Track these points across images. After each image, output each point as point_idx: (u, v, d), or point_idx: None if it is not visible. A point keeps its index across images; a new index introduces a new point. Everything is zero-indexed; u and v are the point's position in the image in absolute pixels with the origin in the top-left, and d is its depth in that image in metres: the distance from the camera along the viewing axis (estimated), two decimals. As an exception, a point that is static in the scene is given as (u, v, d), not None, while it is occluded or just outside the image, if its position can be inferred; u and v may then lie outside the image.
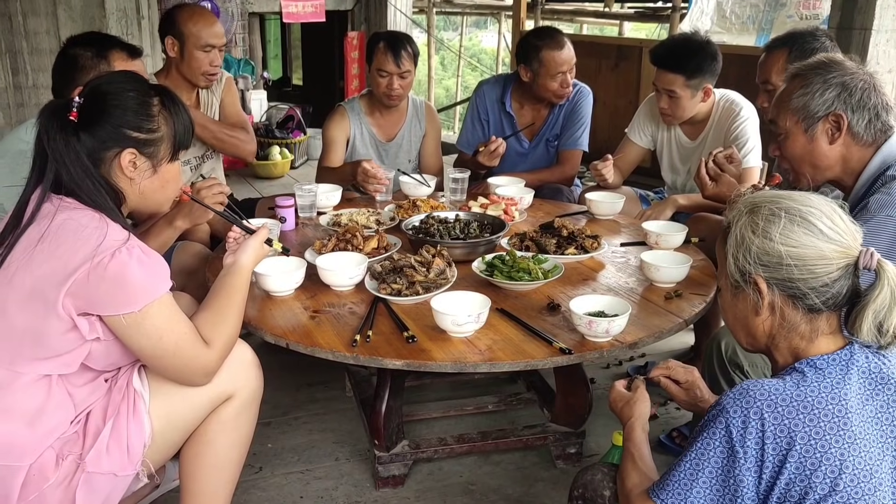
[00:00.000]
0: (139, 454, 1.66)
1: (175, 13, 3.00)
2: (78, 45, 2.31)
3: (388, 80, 3.25)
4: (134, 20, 5.88)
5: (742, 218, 1.36)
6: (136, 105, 1.66)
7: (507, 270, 2.27)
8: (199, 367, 1.68)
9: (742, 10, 7.02)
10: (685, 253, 2.44)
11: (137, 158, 1.67)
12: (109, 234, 1.55)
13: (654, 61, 3.02)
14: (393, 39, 3.28)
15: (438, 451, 2.42)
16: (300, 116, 7.00)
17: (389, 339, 1.95)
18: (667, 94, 2.99)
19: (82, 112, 1.62)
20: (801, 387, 1.25)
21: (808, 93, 1.92)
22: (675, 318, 2.09)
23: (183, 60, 2.98)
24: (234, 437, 1.84)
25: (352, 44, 7.31)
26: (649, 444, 1.58)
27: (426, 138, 3.54)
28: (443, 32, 16.44)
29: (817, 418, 1.22)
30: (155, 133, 1.69)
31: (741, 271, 1.36)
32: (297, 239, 2.70)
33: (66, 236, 1.54)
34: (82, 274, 1.50)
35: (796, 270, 1.30)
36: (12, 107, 5.67)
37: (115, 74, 1.77)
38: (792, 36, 2.67)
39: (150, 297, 1.57)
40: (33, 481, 1.56)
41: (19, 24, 5.54)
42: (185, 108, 1.78)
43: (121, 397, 1.67)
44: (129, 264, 1.53)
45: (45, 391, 1.59)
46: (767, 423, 1.22)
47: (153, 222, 2.25)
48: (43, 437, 1.58)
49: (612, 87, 5.97)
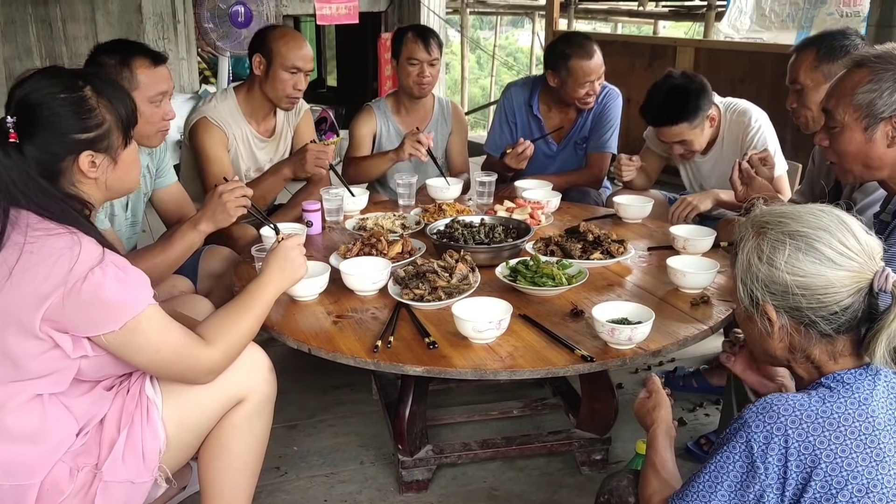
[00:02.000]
0: (155, 460, 1.66)
1: (267, 32, 3.03)
2: (104, 53, 2.35)
3: (419, 69, 3.33)
4: (170, 24, 5.98)
5: (749, 242, 1.33)
6: (71, 106, 1.58)
7: (530, 276, 2.26)
8: (201, 366, 1.67)
9: (781, 8, 6.89)
10: (713, 258, 2.41)
11: (95, 157, 1.62)
12: (82, 255, 1.49)
13: (652, 123, 3.03)
14: (421, 29, 3.42)
15: (462, 455, 2.42)
16: (333, 118, 7.04)
17: (410, 345, 1.95)
18: (678, 143, 2.99)
19: (20, 130, 1.53)
20: (828, 402, 1.22)
21: (876, 90, 1.78)
22: (701, 326, 2.06)
23: (267, 79, 2.98)
24: (248, 439, 1.84)
25: (385, 45, 7.32)
26: (674, 451, 1.57)
27: (452, 136, 3.59)
28: (479, 32, 16.42)
29: (843, 435, 1.18)
30: (102, 126, 1.62)
31: (750, 297, 1.33)
32: (324, 243, 2.71)
33: (37, 261, 1.49)
34: (56, 299, 1.47)
35: (804, 300, 1.27)
36: (53, 111, 5.80)
37: (37, 80, 1.61)
38: (821, 35, 2.62)
39: (130, 313, 1.53)
40: (47, 496, 1.57)
41: (59, 29, 5.67)
42: (118, 85, 1.72)
43: (134, 405, 1.67)
44: (103, 284, 1.49)
45: (40, 409, 1.58)
46: (791, 440, 1.19)
47: (175, 228, 2.28)
48: (49, 452, 1.58)
49: (645, 87, 5.89)
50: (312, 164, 2.86)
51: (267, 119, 3.13)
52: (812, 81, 2.52)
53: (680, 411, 2.82)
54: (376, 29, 7.95)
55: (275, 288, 1.85)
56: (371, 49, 7.79)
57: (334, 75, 10.41)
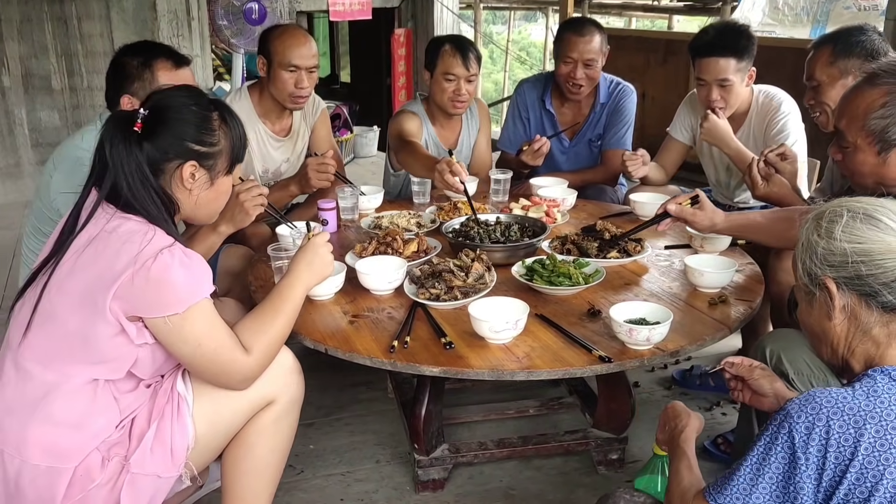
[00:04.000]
0: (182, 456, 1.69)
1: (268, 32, 3.01)
2: (127, 54, 2.36)
3: (456, 85, 3.16)
4: (184, 22, 5.99)
5: (808, 224, 1.35)
6: (197, 119, 1.72)
7: (547, 275, 2.25)
8: (236, 372, 1.71)
9: (795, 2, 6.84)
10: (731, 257, 2.39)
11: (197, 171, 1.72)
12: (154, 239, 1.59)
13: (702, 51, 2.90)
14: (459, 41, 3.21)
15: (479, 455, 2.41)
16: (347, 115, 7.04)
17: (427, 345, 1.94)
18: (718, 85, 2.90)
19: (146, 124, 1.66)
20: (871, 397, 1.21)
21: (889, 115, 1.73)
22: (719, 326, 2.04)
23: (270, 80, 2.96)
24: (274, 441, 1.86)
25: (398, 41, 7.32)
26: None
27: (479, 134, 3.50)
28: (492, 26, 16.36)
29: (884, 429, 1.17)
30: (215, 147, 1.74)
31: (810, 275, 1.34)
32: (339, 241, 2.71)
33: (113, 241, 1.59)
34: (127, 277, 1.54)
35: (863, 267, 1.27)
36: (68, 108, 5.83)
37: (178, 89, 1.83)
38: (838, 32, 2.59)
39: (193, 299, 1.60)
40: (79, 482, 1.60)
41: (74, 27, 5.69)
42: (240, 122, 1.83)
43: (165, 400, 1.70)
44: (171, 266, 1.57)
45: (91, 395, 1.63)
46: (833, 431, 1.18)
47: (196, 229, 2.29)
48: (89, 439, 1.62)
49: (660, 83, 5.87)
50: (316, 179, 2.80)
51: (282, 118, 3.11)
52: (828, 77, 2.50)
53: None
54: (389, 25, 7.93)
55: (303, 285, 1.89)
56: (384, 45, 7.78)
57: (347, 71, 10.41)
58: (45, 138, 5.81)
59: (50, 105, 5.81)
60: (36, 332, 1.63)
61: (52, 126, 5.84)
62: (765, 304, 2.43)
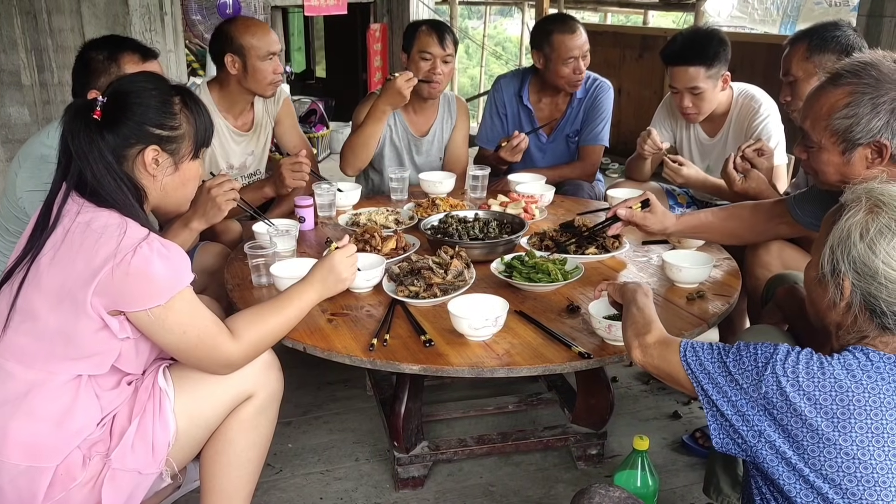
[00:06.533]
0: (164, 453, 1.68)
1: (229, 29, 2.91)
2: (93, 48, 2.32)
3: (432, 64, 3.17)
4: (157, 17, 5.89)
5: (857, 214, 1.33)
6: (157, 103, 1.69)
7: (526, 272, 2.24)
8: (220, 356, 1.71)
9: (764, -3, 6.91)
10: (708, 252, 2.40)
11: (160, 155, 1.70)
12: (129, 232, 1.58)
13: (670, 59, 2.93)
14: (436, 23, 3.28)
15: (458, 452, 2.41)
16: (322, 110, 7.00)
17: (406, 343, 1.94)
18: (689, 93, 2.92)
19: (106, 110, 1.64)
20: (846, 368, 1.27)
21: (853, 115, 1.72)
22: (697, 321, 2.05)
23: (247, 75, 2.90)
24: (253, 436, 1.86)
25: (374, 36, 7.28)
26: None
27: (455, 130, 3.49)
28: (467, 21, 16.35)
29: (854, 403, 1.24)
30: (177, 130, 1.71)
31: (833, 266, 1.34)
32: (316, 239, 2.69)
33: (89, 237, 1.57)
34: (106, 272, 1.53)
35: (884, 290, 1.29)
36: (38, 104, 5.72)
37: (137, 74, 1.81)
38: (814, 27, 2.61)
39: (174, 289, 1.59)
40: (60, 481, 1.59)
41: (44, 21, 5.58)
42: (204, 107, 1.80)
43: (147, 396, 1.69)
44: (150, 259, 1.56)
45: (74, 392, 1.62)
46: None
47: (170, 227, 2.26)
48: (70, 437, 1.60)
49: (636, 78, 5.91)
50: (291, 179, 2.80)
51: (244, 113, 3.08)
52: (804, 72, 2.52)
53: (674, 404, 2.83)
54: (365, 20, 7.90)
55: (314, 295, 1.92)
56: (360, 40, 7.74)
57: (323, 66, 10.35)
58: (15, 134, 5.69)
59: (20, 101, 5.69)
60: (15, 331, 1.61)
61: (21, 122, 5.73)
62: (742, 299, 2.44)
